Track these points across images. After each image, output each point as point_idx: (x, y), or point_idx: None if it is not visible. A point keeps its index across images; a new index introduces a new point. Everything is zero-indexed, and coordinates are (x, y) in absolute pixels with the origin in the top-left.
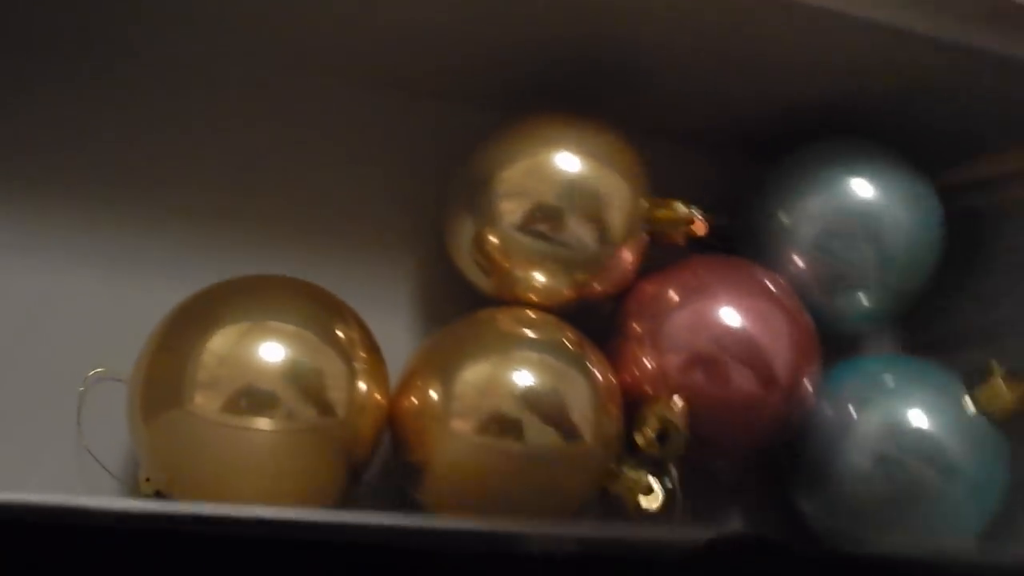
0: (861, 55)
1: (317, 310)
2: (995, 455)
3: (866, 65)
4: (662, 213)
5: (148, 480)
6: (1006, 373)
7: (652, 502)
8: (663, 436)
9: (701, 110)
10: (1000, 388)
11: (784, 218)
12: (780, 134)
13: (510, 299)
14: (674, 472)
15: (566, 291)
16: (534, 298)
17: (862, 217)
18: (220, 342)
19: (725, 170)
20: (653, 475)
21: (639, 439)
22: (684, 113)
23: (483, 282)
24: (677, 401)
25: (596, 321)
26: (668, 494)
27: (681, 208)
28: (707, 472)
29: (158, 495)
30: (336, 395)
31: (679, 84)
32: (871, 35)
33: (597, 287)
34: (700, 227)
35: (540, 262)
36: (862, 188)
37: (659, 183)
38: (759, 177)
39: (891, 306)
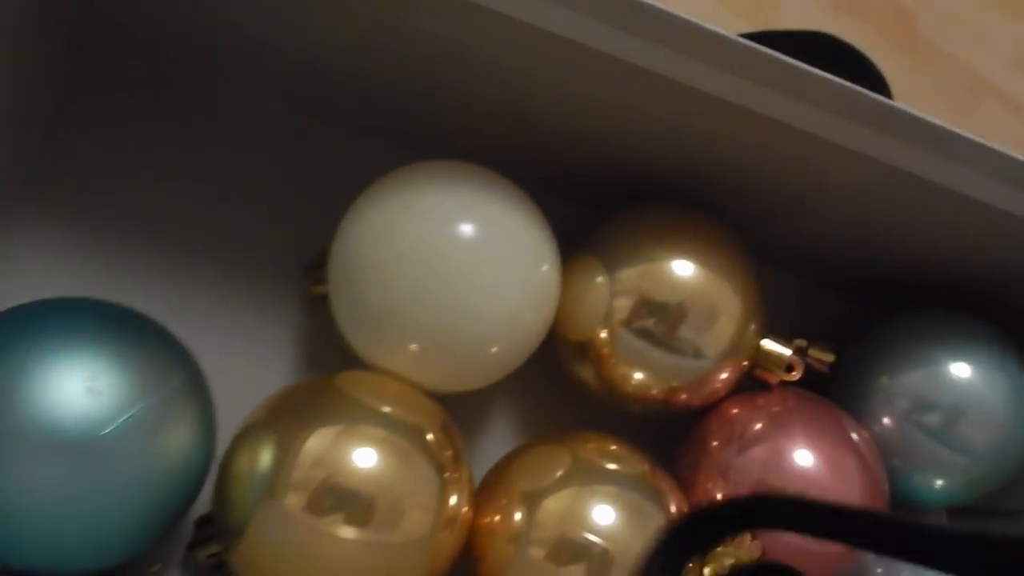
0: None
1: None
2: None
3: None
4: (768, 348)
5: None
6: None
7: None
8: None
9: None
10: None
11: (884, 378)
12: (903, 288)
13: (603, 390)
14: None
15: (655, 391)
16: (628, 390)
17: (958, 405)
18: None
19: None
20: None
21: (707, 572)
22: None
23: (584, 372)
24: (753, 545)
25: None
26: None
27: (786, 351)
28: None
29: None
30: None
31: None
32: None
33: (684, 397)
34: (797, 375)
35: (641, 362)
36: (965, 372)
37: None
38: (866, 328)
39: (968, 494)
